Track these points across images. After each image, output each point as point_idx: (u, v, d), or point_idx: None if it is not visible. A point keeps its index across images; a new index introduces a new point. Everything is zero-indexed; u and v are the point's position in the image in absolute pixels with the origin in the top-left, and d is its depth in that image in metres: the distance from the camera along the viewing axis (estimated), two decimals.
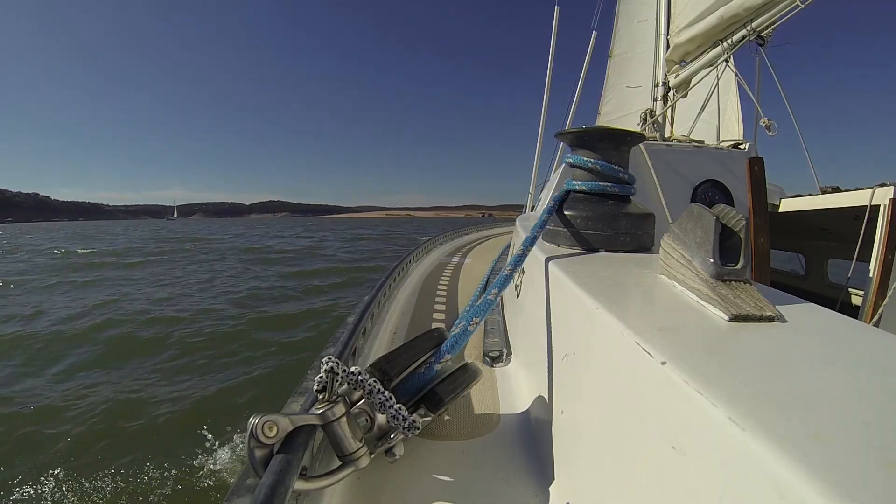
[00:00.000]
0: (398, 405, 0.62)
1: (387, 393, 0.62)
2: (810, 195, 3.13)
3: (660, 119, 3.39)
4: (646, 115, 3.34)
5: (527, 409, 0.92)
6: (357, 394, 0.64)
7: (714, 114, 3.92)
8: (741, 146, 2.99)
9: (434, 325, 1.84)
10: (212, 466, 3.08)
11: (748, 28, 2.73)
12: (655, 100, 3.56)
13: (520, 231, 1.91)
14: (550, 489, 0.68)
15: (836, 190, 3.06)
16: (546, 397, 0.79)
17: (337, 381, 0.59)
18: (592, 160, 0.98)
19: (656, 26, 3.72)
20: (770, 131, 2.89)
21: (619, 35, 6.27)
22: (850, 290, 2.70)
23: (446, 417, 0.91)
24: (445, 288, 2.60)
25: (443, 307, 2.17)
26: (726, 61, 3.00)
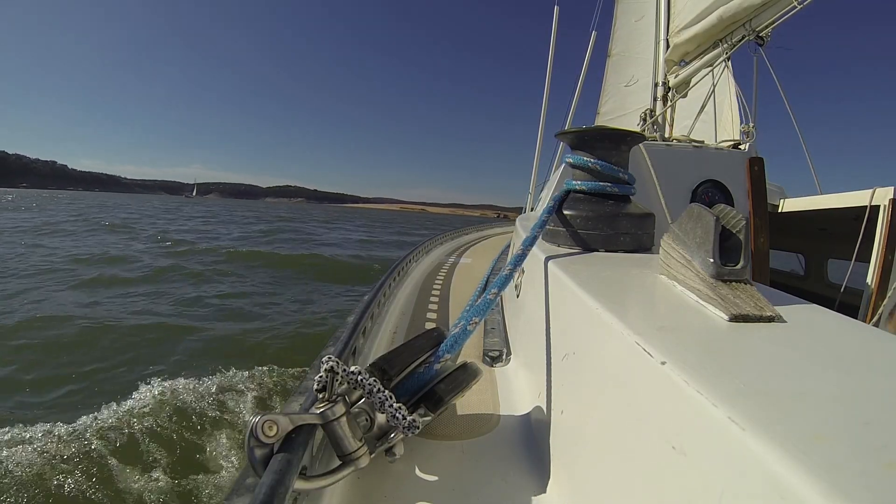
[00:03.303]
0: (398, 404, 0.62)
1: (386, 392, 0.62)
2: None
3: (659, 119, 3.39)
4: (645, 115, 3.34)
5: (527, 409, 0.92)
6: (357, 393, 0.64)
7: (714, 114, 3.93)
8: (741, 146, 2.99)
9: (428, 326, 1.83)
10: None
11: (747, 28, 2.73)
12: (655, 100, 3.56)
13: (520, 231, 1.91)
14: (550, 489, 0.68)
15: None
16: (546, 397, 0.79)
17: (337, 380, 0.59)
18: (592, 160, 0.98)
19: (656, 26, 3.72)
20: (748, 137, 2.94)
21: (617, 35, 6.28)
22: (849, 290, 2.70)
23: (446, 417, 0.91)
24: (439, 288, 2.60)
25: (436, 307, 2.17)
26: (726, 61, 3.00)
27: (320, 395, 0.59)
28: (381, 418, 0.65)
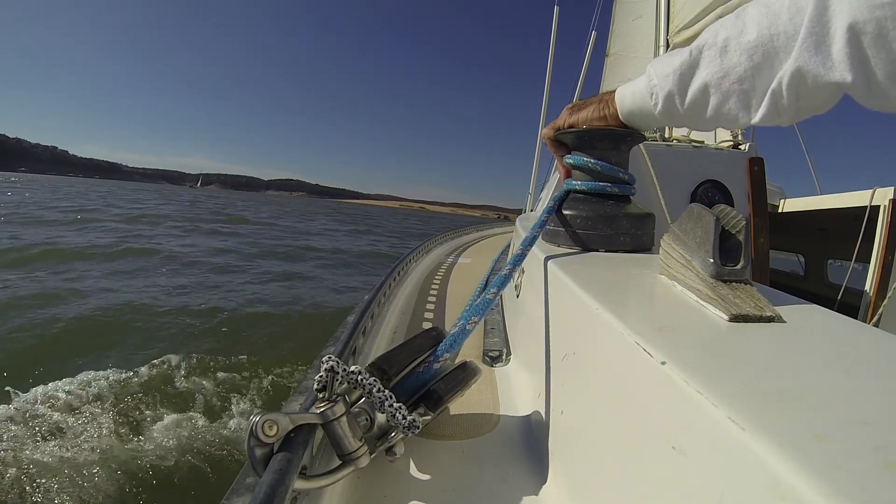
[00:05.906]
0: (398, 404, 0.62)
1: (386, 392, 0.62)
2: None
3: None
4: None
5: (527, 409, 0.92)
6: (356, 393, 0.64)
7: None
8: (741, 146, 2.99)
9: (427, 325, 1.83)
10: None
11: None
12: None
13: (519, 231, 1.91)
14: (550, 488, 0.68)
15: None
16: (545, 397, 0.79)
17: (337, 380, 0.59)
18: (592, 160, 0.98)
19: (655, 26, 3.72)
20: (748, 137, 2.95)
21: (615, 34, 6.27)
22: (850, 290, 2.70)
23: (446, 417, 0.91)
24: (438, 288, 2.60)
25: (436, 307, 2.17)
26: None
27: (320, 395, 0.59)
28: (381, 418, 0.65)
